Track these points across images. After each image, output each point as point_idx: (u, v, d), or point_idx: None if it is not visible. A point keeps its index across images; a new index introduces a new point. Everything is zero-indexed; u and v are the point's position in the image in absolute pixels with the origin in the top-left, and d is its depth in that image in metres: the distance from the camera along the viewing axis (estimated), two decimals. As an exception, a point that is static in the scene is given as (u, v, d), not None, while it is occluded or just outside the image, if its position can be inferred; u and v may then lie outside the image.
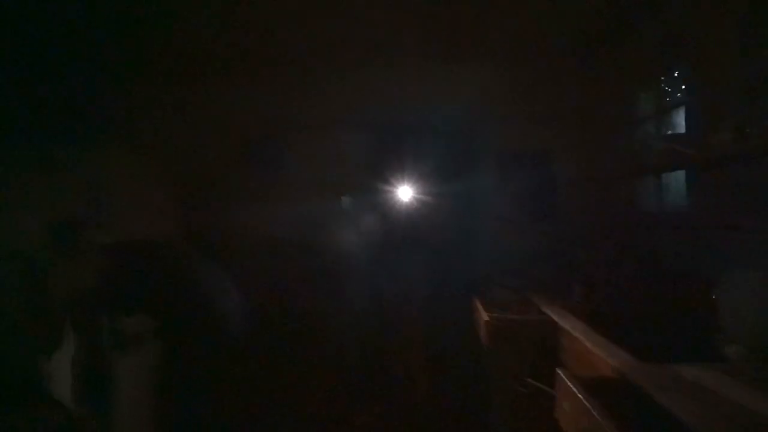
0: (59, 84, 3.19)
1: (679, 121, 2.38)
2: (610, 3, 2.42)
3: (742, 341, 1.41)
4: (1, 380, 1.94)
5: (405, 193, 3.08)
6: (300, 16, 2.50)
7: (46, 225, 1.89)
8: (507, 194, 3.16)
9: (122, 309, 1.78)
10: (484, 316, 2.17)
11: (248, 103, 3.55)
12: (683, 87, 2.34)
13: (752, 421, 1.02)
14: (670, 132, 2.43)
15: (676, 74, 2.53)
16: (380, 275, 3.13)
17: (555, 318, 1.98)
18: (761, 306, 1.38)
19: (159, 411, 1.74)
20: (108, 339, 1.87)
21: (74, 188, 2.27)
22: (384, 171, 2.72)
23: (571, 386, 1.38)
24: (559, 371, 1.49)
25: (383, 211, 2.58)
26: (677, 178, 2.41)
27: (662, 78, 2.50)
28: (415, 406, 2.63)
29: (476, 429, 2.35)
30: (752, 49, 1.81)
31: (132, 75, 3.35)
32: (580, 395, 1.32)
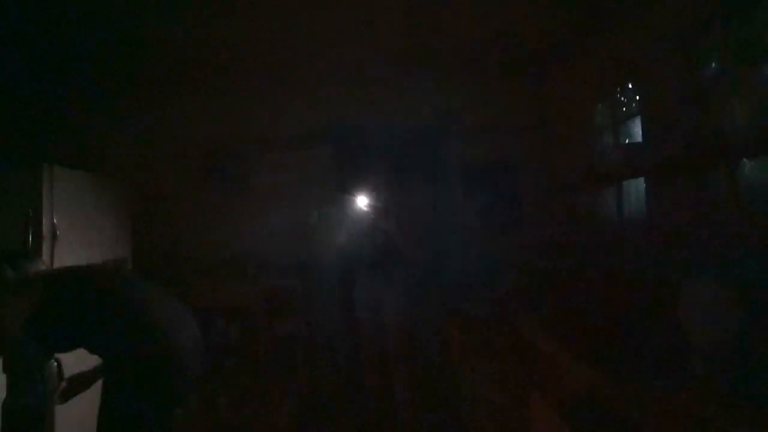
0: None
1: (635, 131, 2.46)
2: (566, 20, 2.49)
3: (705, 351, 1.42)
4: None
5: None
6: (264, 30, 2.44)
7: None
8: (473, 205, 3.18)
9: (60, 346, 1.60)
10: (457, 334, 2.13)
11: (211, 117, 3.42)
12: (637, 98, 2.43)
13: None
14: (626, 141, 2.51)
15: (629, 86, 2.62)
16: (350, 289, 3.05)
17: (527, 334, 1.96)
18: (722, 315, 1.39)
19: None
20: (44, 381, 1.68)
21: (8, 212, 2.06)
22: (350, 185, 2.66)
23: (545, 405, 1.35)
24: (533, 390, 1.46)
25: (350, 225, 2.50)
26: (636, 187, 2.48)
27: (617, 90, 2.58)
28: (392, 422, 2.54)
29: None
30: (699, 60, 1.89)
31: (87, 87, 3.13)
32: (554, 414, 1.29)
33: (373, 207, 2.63)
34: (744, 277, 1.46)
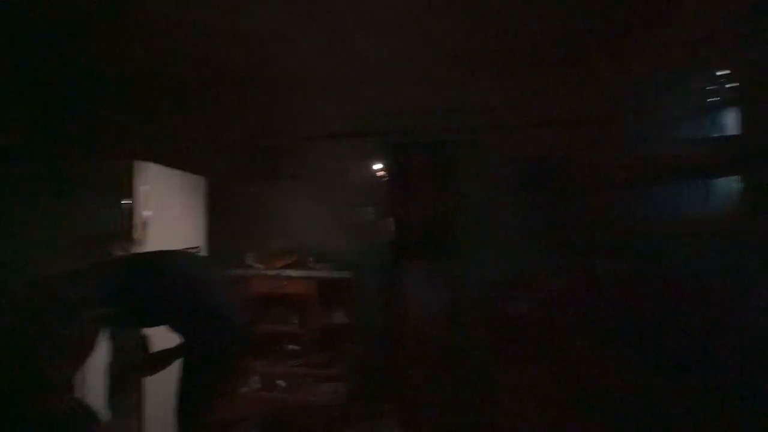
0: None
1: (726, 122, 2.17)
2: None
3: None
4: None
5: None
6: (314, 25, 2.50)
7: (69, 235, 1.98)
8: (520, 203, 3.04)
9: (144, 321, 1.82)
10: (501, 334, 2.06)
11: (270, 115, 3.63)
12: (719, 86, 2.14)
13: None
14: (710, 133, 2.22)
15: (716, 72, 2.32)
16: (397, 283, 3.08)
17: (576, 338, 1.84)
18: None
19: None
20: (131, 351, 1.91)
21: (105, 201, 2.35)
22: (399, 180, 2.69)
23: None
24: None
25: (397, 220, 2.53)
26: (713, 183, 2.19)
27: (696, 76, 2.30)
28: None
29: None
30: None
31: (131, 83, 3.43)
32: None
33: (418, 203, 2.64)
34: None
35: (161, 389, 2.17)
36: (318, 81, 3.31)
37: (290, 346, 3.27)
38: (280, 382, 3.14)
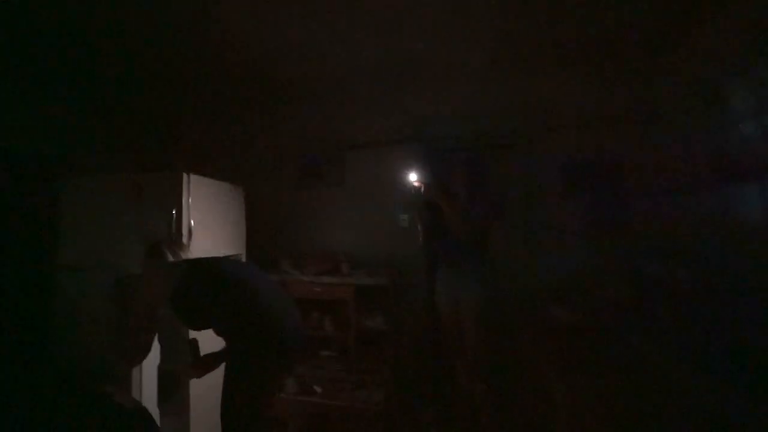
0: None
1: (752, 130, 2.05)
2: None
3: None
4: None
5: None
6: (353, 34, 2.54)
7: (135, 240, 2.11)
8: (575, 205, 2.93)
9: (193, 324, 1.89)
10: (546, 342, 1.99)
11: (305, 121, 3.71)
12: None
13: None
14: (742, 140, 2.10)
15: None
16: (433, 288, 3.06)
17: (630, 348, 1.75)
18: None
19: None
20: (182, 354, 1.98)
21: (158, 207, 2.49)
22: (437, 186, 2.67)
23: None
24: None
25: (434, 225, 2.51)
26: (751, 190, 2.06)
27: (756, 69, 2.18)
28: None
29: None
30: None
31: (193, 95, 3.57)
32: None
33: (457, 207, 2.61)
34: None
35: (208, 393, 2.24)
36: (357, 88, 3.35)
37: (327, 352, 3.30)
38: (317, 388, 3.17)
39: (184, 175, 2.49)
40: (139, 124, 3.70)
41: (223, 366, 1.82)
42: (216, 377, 1.89)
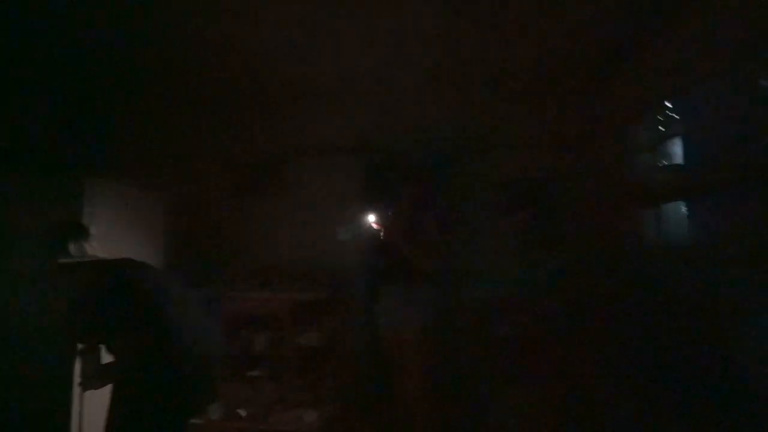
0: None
1: (677, 152, 2.39)
2: (608, 38, 2.45)
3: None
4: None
5: (399, 221, 3.00)
6: (296, 43, 2.50)
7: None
8: (510, 223, 3.09)
9: (85, 336, 1.58)
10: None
11: (244, 129, 3.51)
12: (679, 119, 2.36)
13: None
14: (668, 162, 2.43)
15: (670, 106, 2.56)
16: (372, 303, 3.03)
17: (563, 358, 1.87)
18: None
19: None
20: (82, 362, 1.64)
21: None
22: (379, 199, 2.66)
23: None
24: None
25: (376, 239, 2.49)
26: (676, 208, 2.39)
27: (661, 109, 2.52)
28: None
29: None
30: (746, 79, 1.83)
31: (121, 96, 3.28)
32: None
33: (401, 222, 2.61)
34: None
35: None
36: (301, 95, 3.27)
37: (257, 372, 3.07)
38: (241, 411, 2.92)
39: (87, 179, 2.21)
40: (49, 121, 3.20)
41: None
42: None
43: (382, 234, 2.31)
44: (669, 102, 2.48)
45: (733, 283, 1.68)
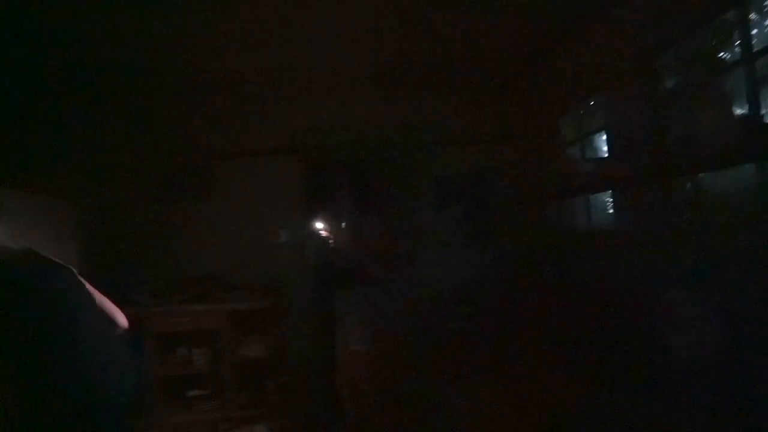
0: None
1: (601, 145, 2.54)
2: (530, 33, 2.53)
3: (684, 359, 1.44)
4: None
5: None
6: (233, 38, 2.33)
7: None
8: (447, 217, 3.14)
9: None
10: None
11: (173, 127, 3.21)
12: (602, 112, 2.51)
13: None
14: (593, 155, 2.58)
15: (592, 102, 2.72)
16: (321, 310, 2.93)
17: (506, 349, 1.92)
18: (699, 323, 1.42)
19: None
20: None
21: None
22: (319, 200, 2.56)
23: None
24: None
25: (318, 242, 2.39)
26: (602, 198, 2.55)
27: (585, 104, 2.66)
28: None
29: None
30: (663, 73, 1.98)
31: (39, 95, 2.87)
32: None
33: (341, 222, 2.54)
34: (714, 284, 1.51)
35: None
36: (231, 93, 3.04)
37: (196, 391, 2.84)
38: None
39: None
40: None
41: None
42: None
43: (330, 240, 2.22)
44: (592, 98, 2.64)
45: (653, 263, 1.83)
